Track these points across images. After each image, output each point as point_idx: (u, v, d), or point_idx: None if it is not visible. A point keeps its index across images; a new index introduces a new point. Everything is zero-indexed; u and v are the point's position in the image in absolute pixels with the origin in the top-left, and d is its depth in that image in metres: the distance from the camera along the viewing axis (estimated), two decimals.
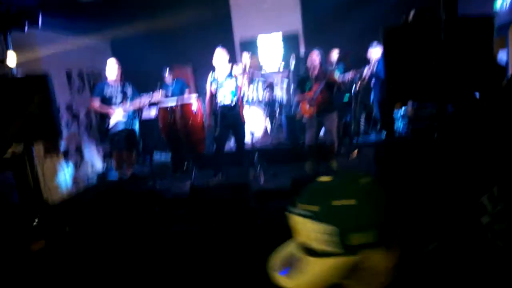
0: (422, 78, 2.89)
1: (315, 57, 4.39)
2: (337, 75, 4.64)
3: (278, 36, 7.14)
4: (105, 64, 5.09)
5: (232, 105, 4.52)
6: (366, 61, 5.66)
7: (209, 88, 4.62)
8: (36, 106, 3.31)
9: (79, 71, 6.59)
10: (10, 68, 3.71)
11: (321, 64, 4.42)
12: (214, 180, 4.70)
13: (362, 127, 6.26)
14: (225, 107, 4.50)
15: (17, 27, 3.74)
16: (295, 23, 7.06)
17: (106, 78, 5.04)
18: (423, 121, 5.46)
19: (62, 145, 5.58)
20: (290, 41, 7.08)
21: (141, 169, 5.62)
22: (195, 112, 4.86)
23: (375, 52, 5.33)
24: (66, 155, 5.72)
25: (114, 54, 7.39)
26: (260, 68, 7.15)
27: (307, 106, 4.53)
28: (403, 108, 5.88)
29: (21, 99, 3.57)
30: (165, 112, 4.87)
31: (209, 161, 5.07)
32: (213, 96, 4.57)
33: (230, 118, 4.52)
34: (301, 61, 6.26)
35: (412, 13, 3.40)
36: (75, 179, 5.72)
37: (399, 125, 6.00)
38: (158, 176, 4.92)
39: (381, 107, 5.60)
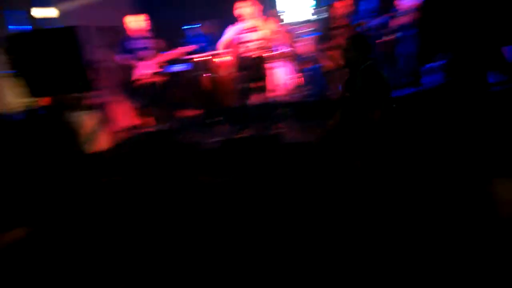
0: (460, 27, 2.79)
1: (340, 6, 4.24)
2: (364, 25, 4.49)
3: None
4: (128, 18, 5.05)
5: (258, 57, 4.47)
6: (396, 10, 5.40)
7: (233, 40, 4.55)
8: None
9: (101, 25, 6.55)
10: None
11: (346, 13, 4.28)
12: (241, 134, 4.76)
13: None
14: (250, 59, 4.45)
15: None
16: None
17: (131, 33, 5.02)
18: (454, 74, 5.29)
19: (89, 100, 5.68)
20: None
21: (170, 123, 5.71)
22: (224, 65, 4.84)
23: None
24: (93, 110, 5.84)
25: (136, 8, 7.28)
26: (282, 20, 6.95)
27: (332, 57, 4.45)
28: (435, 61, 5.69)
29: (51, 51, 3.61)
30: (194, 65, 4.87)
31: (236, 114, 5.10)
32: (239, 48, 4.51)
33: (256, 70, 4.49)
34: (327, 10, 6.04)
35: None
36: (105, 134, 5.87)
37: (429, 79, 5.83)
38: (187, 130, 5.01)
39: (411, 59, 5.39)
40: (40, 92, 3.83)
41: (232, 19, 4.56)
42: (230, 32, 4.51)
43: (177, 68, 5.89)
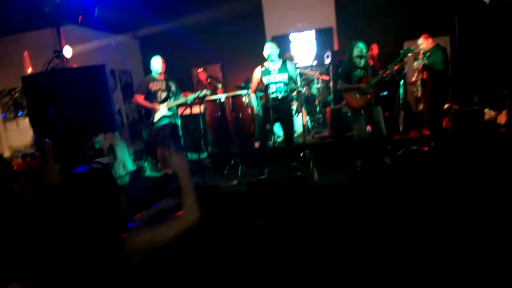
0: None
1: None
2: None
3: (311, 33, 7.10)
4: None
5: (283, 98, 4.41)
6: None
7: (257, 81, 4.51)
8: None
9: (111, 69, 6.49)
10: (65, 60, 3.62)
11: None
12: (262, 176, 4.58)
13: (400, 124, 6.13)
14: (276, 99, 4.37)
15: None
16: (329, 19, 6.99)
17: (149, 74, 4.93)
18: (468, 118, 5.33)
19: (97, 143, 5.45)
20: (324, 36, 7.00)
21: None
22: (244, 106, 4.75)
23: (426, 44, 5.14)
24: (100, 153, 5.58)
25: (143, 53, 7.31)
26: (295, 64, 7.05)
27: (357, 97, 4.41)
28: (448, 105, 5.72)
29: (82, 87, 3.48)
30: (213, 106, 4.76)
31: (255, 156, 4.94)
32: (264, 88, 4.45)
33: (281, 111, 4.40)
34: (337, 55, 6.13)
35: None
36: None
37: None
38: (203, 172, 4.79)
39: (432, 103, 5.35)
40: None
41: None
42: (257, 73, 4.48)
43: (193, 110, 5.79)
